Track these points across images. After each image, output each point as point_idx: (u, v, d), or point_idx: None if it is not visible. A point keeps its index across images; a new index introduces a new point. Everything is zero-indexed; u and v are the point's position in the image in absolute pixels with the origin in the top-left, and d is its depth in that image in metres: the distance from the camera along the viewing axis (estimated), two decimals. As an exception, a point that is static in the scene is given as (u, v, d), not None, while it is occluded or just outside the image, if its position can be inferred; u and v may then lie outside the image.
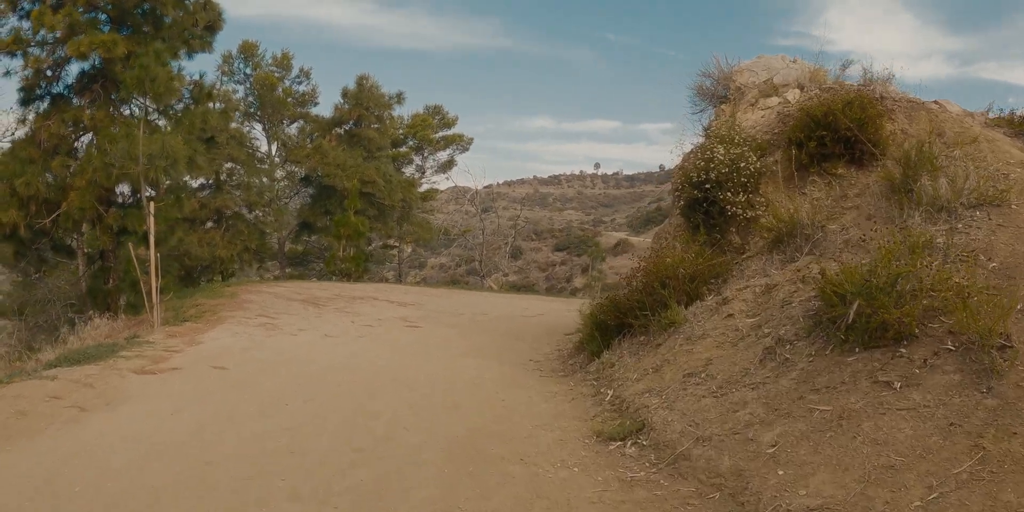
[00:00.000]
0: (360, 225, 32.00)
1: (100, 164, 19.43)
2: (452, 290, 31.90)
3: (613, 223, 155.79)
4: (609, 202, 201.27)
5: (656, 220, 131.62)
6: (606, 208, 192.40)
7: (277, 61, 40.94)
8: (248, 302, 20.31)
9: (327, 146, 37.05)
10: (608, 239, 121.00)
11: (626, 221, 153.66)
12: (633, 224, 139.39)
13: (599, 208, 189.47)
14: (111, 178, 19.43)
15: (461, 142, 50.11)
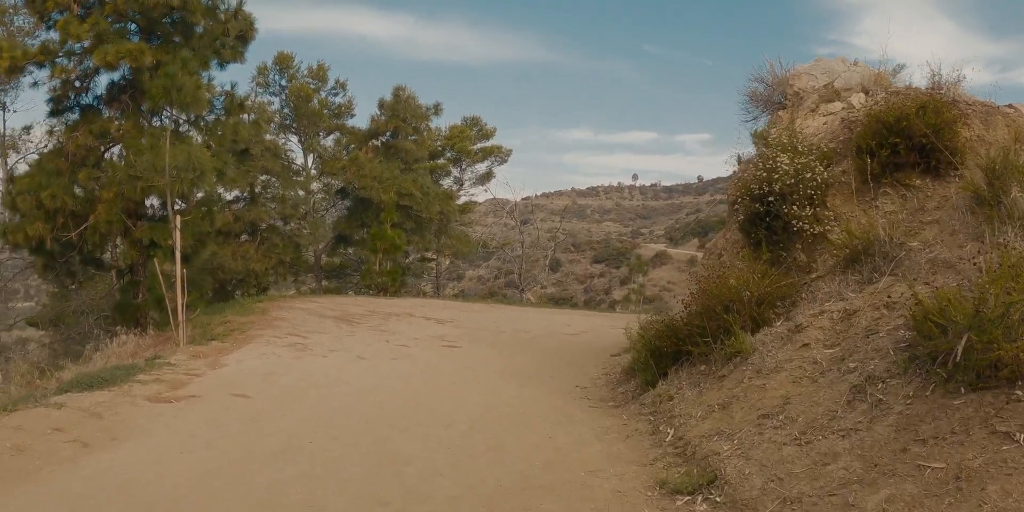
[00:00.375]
0: (397, 238, 31.11)
1: (125, 176, 18.58)
2: (491, 305, 30.89)
3: (651, 235, 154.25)
4: (647, 214, 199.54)
5: (696, 232, 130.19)
6: (644, 220, 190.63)
7: (312, 73, 40.17)
8: (279, 319, 19.38)
9: (363, 158, 36.20)
10: (646, 251, 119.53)
11: (664, 233, 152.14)
12: (672, 236, 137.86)
13: (637, 220, 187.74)
14: (137, 191, 18.56)
15: (499, 154, 49.12)
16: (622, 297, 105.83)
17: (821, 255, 11.66)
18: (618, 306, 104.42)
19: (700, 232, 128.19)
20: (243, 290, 33.41)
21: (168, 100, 17.86)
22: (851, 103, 14.60)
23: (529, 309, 30.19)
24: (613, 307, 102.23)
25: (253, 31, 25.24)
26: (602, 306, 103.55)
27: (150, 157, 16.94)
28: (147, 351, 16.04)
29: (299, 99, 37.85)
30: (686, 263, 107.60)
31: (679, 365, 10.68)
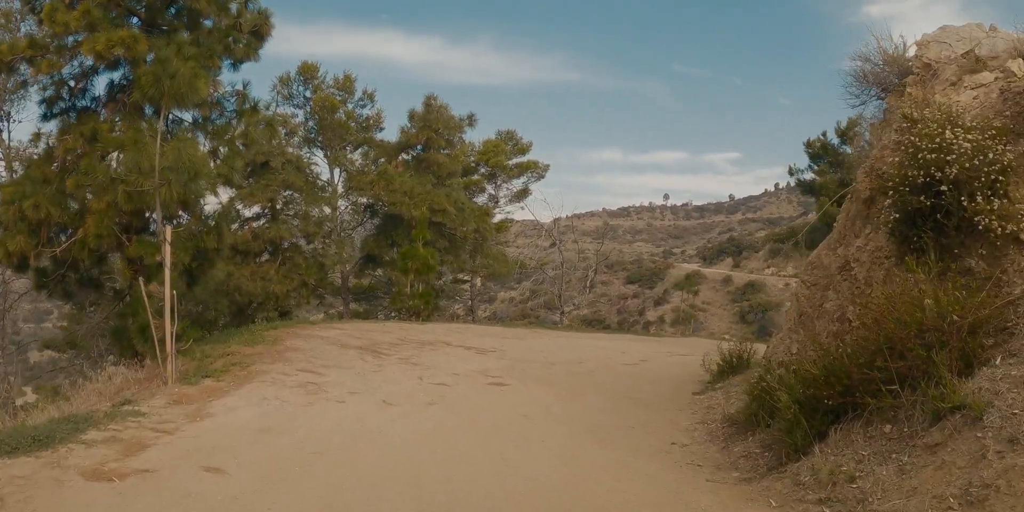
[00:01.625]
0: (429, 258, 27.81)
1: (106, 180, 15.30)
2: (532, 330, 27.53)
3: (683, 255, 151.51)
4: (679, 233, 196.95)
5: (729, 251, 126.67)
6: (676, 239, 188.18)
7: (339, 84, 37.18)
8: (293, 350, 16.11)
9: (392, 172, 33.05)
10: (680, 270, 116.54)
11: (697, 252, 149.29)
12: (705, 255, 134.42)
13: (669, 239, 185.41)
14: (120, 196, 15.23)
15: (536, 169, 45.88)
16: (656, 318, 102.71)
17: (1013, 262, 8.24)
18: (665, 328, 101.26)
19: (734, 251, 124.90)
20: (264, 314, 30.39)
21: (159, 90, 14.64)
22: (1010, 70, 11.19)
23: (573, 334, 27.05)
24: (648, 328, 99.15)
25: (269, 26, 22.09)
26: (636, 327, 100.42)
27: (133, 155, 13.68)
28: (132, 388, 12.89)
29: (324, 110, 34.79)
30: (721, 282, 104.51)
31: (844, 422, 7.27)
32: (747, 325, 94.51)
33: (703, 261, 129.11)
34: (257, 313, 29.86)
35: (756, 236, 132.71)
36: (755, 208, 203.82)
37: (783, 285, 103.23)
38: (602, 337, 27.55)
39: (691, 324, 45.92)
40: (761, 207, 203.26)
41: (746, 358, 14.53)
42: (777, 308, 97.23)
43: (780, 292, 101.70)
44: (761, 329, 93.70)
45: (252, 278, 28.83)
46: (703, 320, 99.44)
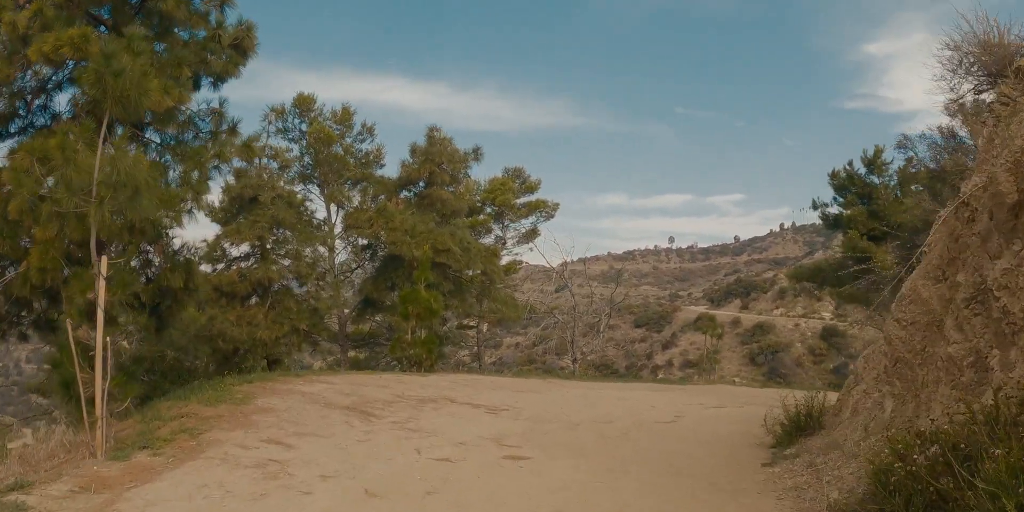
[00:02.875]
0: (432, 301, 24.77)
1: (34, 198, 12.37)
2: (546, 380, 24.51)
3: (690, 297, 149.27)
4: (685, 276, 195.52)
5: (737, 292, 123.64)
6: (682, 282, 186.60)
7: (336, 117, 34.51)
8: (263, 412, 13.08)
9: (392, 209, 30.21)
10: (688, 313, 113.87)
11: (703, 295, 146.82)
12: (713, 297, 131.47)
13: (675, 282, 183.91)
14: (69, 222, 12.24)
15: (545, 209, 43.13)
16: (665, 361, 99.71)
17: None
18: (661, 371, 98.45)
19: (742, 292, 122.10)
20: (250, 362, 27.53)
21: (100, 90, 11.78)
22: None
23: (590, 385, 24.30)
24: (655, 373, 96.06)
25: (253, 40, 19.31)
26: (644, 372, 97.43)
27: (64, 169, 10.77)
28: (62, 456, 10.02)
29: (319, 142, 32.04)
30: (729, 324, 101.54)
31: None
32: (757, 367, 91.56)
33: (711, 303, 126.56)
34: (244, 361, 26.95)
35: (764, 277, 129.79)
36: (761, 249, 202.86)
37: (792, 326, 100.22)
38: (621, 387, 24.62)
39: (712, 370, 42.57)
40: (767, 248, 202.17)
41: (816, 415, 11.92)
42: (787, 349, 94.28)
43: (790, 333, 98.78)
44: (772, 371, 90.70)
45: (238, 323, 26.03)
46: (711, 363, 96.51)
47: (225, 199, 28.16)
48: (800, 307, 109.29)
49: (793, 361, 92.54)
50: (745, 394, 26.10)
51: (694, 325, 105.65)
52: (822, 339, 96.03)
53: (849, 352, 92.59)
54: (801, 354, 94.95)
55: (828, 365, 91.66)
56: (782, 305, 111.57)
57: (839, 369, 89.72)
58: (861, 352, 18.09)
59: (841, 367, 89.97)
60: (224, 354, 26.45)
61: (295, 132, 33.75)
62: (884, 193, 35.86)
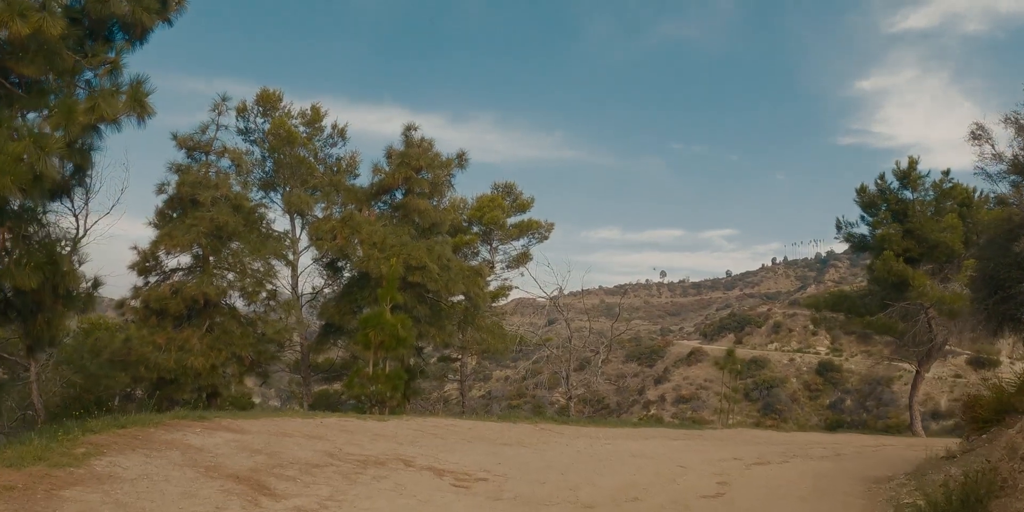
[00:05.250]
0: (400, 327, 19.64)
1: None
2: (538, 427, 19.29)
3: (682, 331, 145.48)
4: (676, 310, 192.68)
5: (731, 327, 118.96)
6: (673, 316, 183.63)
7: (305, 118, 29.53)
8: (90, 482, 7.90)
9: (359, 218, 25.07)
10: (680, 348, 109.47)
11: (695, 329, 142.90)
12: (705, 332, 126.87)
13: (666, 317, 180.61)
14: None
15: (538, 230, 38.04)
16: (657, 397, 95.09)
17: None
18: (653, 406, 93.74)
19: (736, 327, 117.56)
20: (192, 397, 22.48)
21: None
22: None
23: (592, 432, 19.54)
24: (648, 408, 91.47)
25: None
26: (635, 408, 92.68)
27: None
28: None
29: (280, 141, 27.01)
30: (723, 359, 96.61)
31: None
32: (752, 403, 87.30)
33: (703, 338, 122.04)
34: (176, 393, 21.85)
35: (758, 311, 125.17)
36: (752, 283, 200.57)
37: (787, 361, 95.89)
38: (631, 434, 19.90)
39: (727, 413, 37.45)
40: (758, 282, 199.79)
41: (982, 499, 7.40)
42: (782, 384, 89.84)
43: (785, 368, 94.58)
44: (766, 406, 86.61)
45: (167, 347, 20.91)
46: (704, 399, 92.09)
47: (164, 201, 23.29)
48: (795, 341, 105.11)
49: (788, 397, 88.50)
50: (779, 442, 22.17)
51: (687, 359, 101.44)
52: (818, 374, 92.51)
53: (845, 387, 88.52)
54: (796, 389, 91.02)
55: (824, 401, 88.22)
56: (777, 339, 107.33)
57: (835, 405, 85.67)
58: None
59: (837, 403, 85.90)
60: (153, 384, 21.47)
61: (258, 133, 28.79)
62: (921, 209, 31.02)
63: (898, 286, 30.44)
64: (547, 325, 65.11)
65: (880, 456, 19.41)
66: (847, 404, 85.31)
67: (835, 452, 19.72)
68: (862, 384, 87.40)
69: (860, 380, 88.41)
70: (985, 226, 29.14)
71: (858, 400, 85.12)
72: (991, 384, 13.24)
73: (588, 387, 38.89)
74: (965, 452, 11.63)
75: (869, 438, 29.21)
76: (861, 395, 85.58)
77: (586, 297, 38.47)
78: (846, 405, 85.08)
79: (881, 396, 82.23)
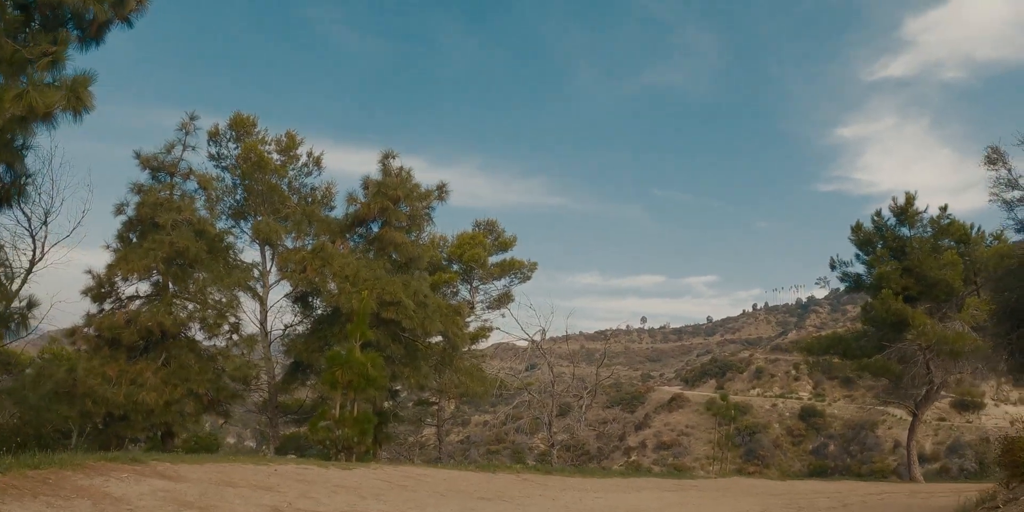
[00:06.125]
0: (370, 366, 17.79)
1: None
2: (520, 478, 17.50)
3: (662, 377, 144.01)
4: (656, 356, 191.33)
5: (712, 373, 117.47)
6: (654, 362, 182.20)
7: (280, 145, 27.89)
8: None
9: (331, 250, 23.29)
10: (662, 394, 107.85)
11: (675, 375, 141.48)
12: (687, 378, 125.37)
13: (647, 362, 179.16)
14: None
15: (520, 269, 36.38)
16: (638, 443, 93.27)
17: None
18: (634, 453, 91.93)
19: (717, 373, 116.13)
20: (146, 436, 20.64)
21: None
22: None
23: (579, 483, 17.91)
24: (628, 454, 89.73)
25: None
26: (616, 454, 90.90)
27: None
28: None
29: (251, 166, 25.34)
30: (704, 405, 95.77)
31: None
32: (733, 449, 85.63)
33: (684, 383, 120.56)
34: (125, 431, 19.98)
35: (740, 356, 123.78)
36: (733, 329, 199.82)
37: (770, 406, 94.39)
38: (622, 486, 18.23)
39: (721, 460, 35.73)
40: (739, 328, 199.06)
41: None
42: (764, 430, 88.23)
43: (767, 413, 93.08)
44: (749, 452, 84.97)
45: (117, 380, 19.08)
46: (686, 445, 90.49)
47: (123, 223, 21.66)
48: (777, 387, 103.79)
49: (771, 442, 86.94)
50: (779, 493, 20.58)
51: (668, 405, 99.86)
52: (800, 419, 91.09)
53: (828, 432, 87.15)
54: (779, 435, 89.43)
55: (807, 446, 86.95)
56: (759, 385, 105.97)
57: (818, 450, 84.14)
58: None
59: (821, 448, 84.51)
60: (106, 421, 19.60)
61: (230, 160, 27.12)
62: (919, 246, 29.61)
63: (896, 326, 29.01)
64: (527, 370, 63.30)
65: (893, 507, 17.92)
66: (830, 449, 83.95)
67: (841, 503, 18.16)
68: (845, 429, 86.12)
69: (843, 425, 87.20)
70: (993, 259, 27.85)
71: (841, 445, 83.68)
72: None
73: (571, 433, 37.08)
74: (1008, 502, 10.07)
75: (869, 485, 27.73)
76: (845, 440, 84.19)
77: (567, 342, 36.68)
78: (829, 450, 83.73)
79: (865, 441, 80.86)
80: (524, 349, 37.12)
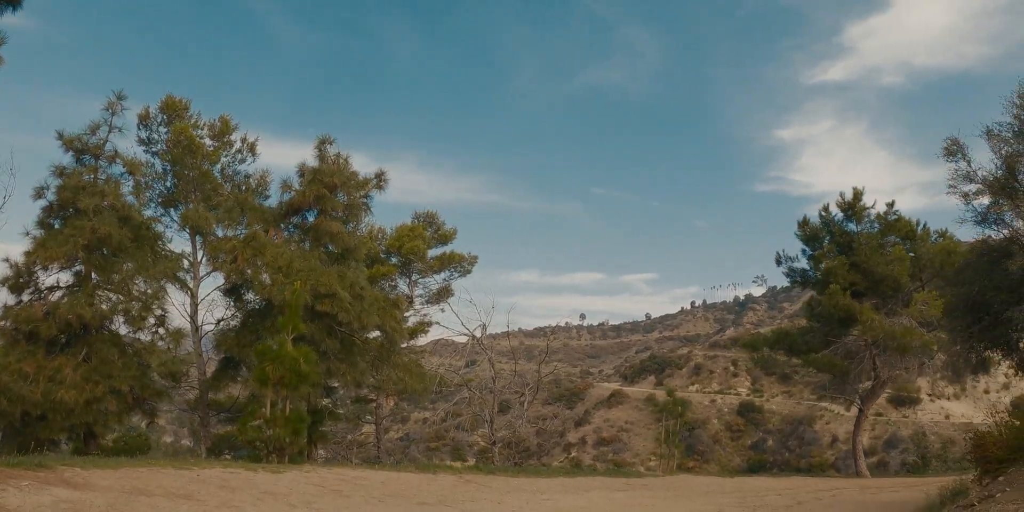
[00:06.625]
0: (302, 361, 16.71)
1: None
2: (463, 479, 16.52)
3: (601, 374, 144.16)
4: (595, 353, 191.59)
5: (651, 369, 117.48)
6: (593, 359, 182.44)
7: (214, 130, 26.55)
8: None
9: (263, 239, 22.08)
10: (601, 390, 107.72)
11: (614, 371, 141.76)
12: (626, 374, 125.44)
13: (586, 359, 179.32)
14: None
15: (460, 263, 35.37)
16: (578, 439, 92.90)
17: None
18: (574, 449, 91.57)
19: (656, 369, 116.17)
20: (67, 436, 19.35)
21: None
22: None
23: (523, 484, 16.89)
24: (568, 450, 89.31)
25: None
26: (556, 450, 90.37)
27: None
28: None
29: (181, 150, 24.03)
30: (643, 401, 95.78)
31: None
32: (679, 445, 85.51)
33: (623, 380, 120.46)
34: (44, 432, 18.66)
35: (679, 353, 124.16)
36: (672, 326, 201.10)
37: (709, 402, 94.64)
38: (567, 486, 17.27)
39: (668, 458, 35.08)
40: (678, 325, 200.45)
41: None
42: (704, 426, 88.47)
43: (706, 409, 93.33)
44: (689, 448, 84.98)
45: (35, 377, 17.78)
46: (625, 441, 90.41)
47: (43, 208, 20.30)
48: (716, 383, 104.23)
49: (711, 437, 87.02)
50: (729, 490, 20.31)
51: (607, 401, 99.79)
52: (739, 415, 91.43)
53: (767, 427, 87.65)
54: (718, 430, 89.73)
55: (746, 441, 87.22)
56: (697, 381, 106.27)
57: (757, 445, 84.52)
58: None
59: (760, 443, 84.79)
60: (15, 420, 18.23)
61: (160, 145, 25.73)
62: (867, 242, 29.32)
63: (843, 321, 28.78)
64: (467, 366, 62.41)
65: (848, 504, 17.42)
66: (769, 444, 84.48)
67: (795, 501, 17.57)
68: (784, 424, 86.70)
69: (782, 420, 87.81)
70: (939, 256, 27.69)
71: (780, 440, 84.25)
72: (999, 419, 11.40)
73: (512, 430, 36.20)
74: (984, 499, 9.41)
75: (818, 481, 27.48)
76: (783, 435, 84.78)
77: (507, 339, 35.82)
78: (768, 445, 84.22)
79: (803, 436, 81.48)
80: (464, 345, 36.23)
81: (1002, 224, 15.92)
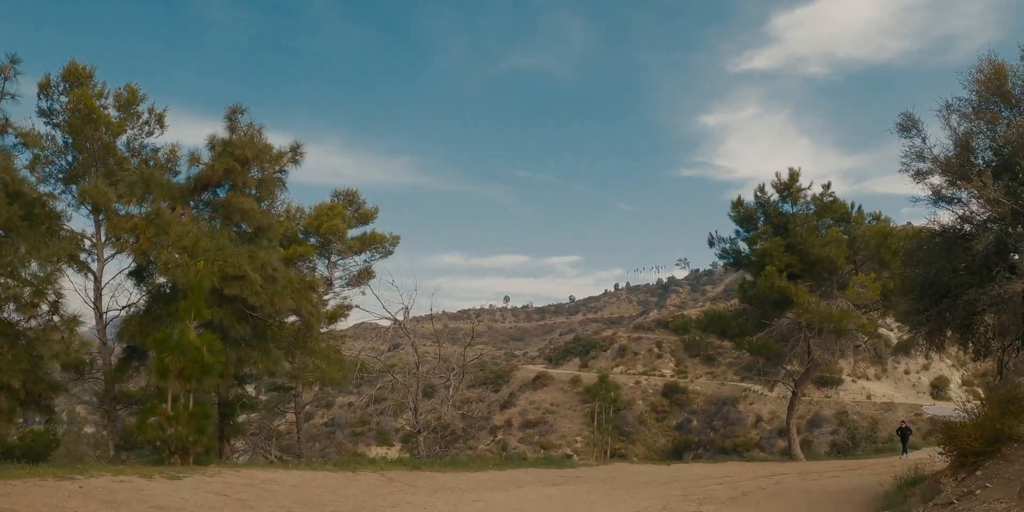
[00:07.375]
0: (206, 351, 15.00)
1: None
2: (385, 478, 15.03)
3: (526, 356, 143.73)
4: (520, 335, 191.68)
5: (576, 351, 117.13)
6: (517, 341, 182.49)
7: (119, 100, 24.47)
8: None
9: (168, 217, 20.23)
10: (526, 373, 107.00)
11: (539, 353, 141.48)
12: (550, 356, 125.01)
13: (510, 341, 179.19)
14: None
15: (382, 243, 33.75)
16: (503, 422, 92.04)
17: None
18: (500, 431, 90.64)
19: (581, 351, 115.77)
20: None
21: None
22: None
23: (451, 480, 15.52)
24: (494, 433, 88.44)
25: None
26: (482, 433, 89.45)
27: None
28: None
29: (81, 120, 22.02)
30: (569, 383, 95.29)
31: None
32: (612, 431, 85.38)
33: (548, 362, 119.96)
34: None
35: (603, 335, 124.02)
36: (596, 308, 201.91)
37: (634, 383, 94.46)
38: (498, 481, 16.08)
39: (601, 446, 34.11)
40: (601, 307, 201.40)
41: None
42: (629, 407, 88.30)
43: (631, 391, 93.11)
44: (615, 428, 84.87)
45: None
46: (551, 423, 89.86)
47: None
48: (640, 365, 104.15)
49: (636, 419, 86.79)
50: (667, 480, 19.32)
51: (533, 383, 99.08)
52: (664, 396, 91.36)
53: (691, 408, 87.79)
54: (643, 411, 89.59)
55: (671, 422, 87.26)
56: (622, 363, 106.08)
57: (682, 426, 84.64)
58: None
59: (684, 424, 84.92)
60: None
61: (63, 116, 23.58)
62: (803, 223, 28.56)
63: (779, 303, 28.04)
64: (390, 350, 60.72)
65: (795, 492, 16.63)
66: (694, 425, 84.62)
67: (739, 491, 16.63)
68: (708, 405, 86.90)
69: (706, 401, 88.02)
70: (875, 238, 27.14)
71: (705, 420, 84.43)
72: (972, 408, 10.64)
73: (438, 415, 34.93)
74: (963, 496, 8.91)
75: (756, 466, 26.90)
76: (707, 415, 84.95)
77: (431, 322, 34.52)
78: (693, 426, 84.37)
79: (727, 416, 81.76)
80: (387, 329, 34.71)
81: (957, 204, 15.21)
